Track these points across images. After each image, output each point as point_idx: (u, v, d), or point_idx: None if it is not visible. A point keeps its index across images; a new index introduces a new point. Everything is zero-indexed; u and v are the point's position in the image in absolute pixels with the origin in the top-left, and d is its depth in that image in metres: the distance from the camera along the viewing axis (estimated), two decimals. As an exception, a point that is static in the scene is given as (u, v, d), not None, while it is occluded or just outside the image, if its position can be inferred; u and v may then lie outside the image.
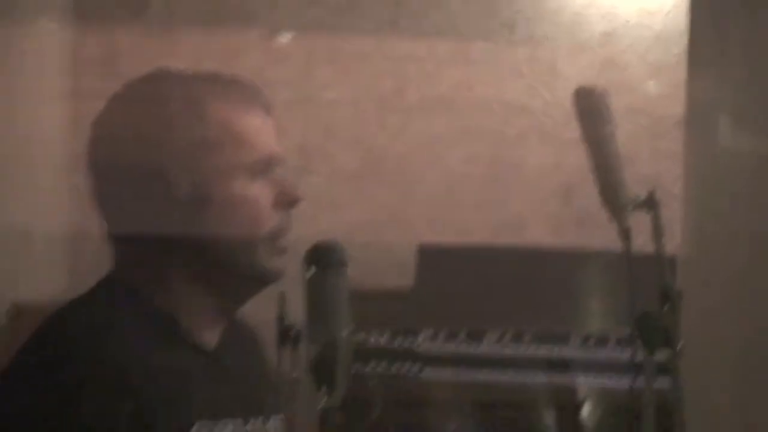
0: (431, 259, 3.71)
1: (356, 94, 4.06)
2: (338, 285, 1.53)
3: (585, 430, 3.41)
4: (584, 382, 3.51)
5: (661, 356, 1.66)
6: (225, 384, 1.67)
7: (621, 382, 2.34)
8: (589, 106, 1.77)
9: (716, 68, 3.96)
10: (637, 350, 1.67)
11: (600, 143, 1.76)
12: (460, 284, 3.69)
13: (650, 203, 1.74)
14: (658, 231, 1.73)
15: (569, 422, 3.41)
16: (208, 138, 1.63)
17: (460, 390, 3.47)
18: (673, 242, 3.23)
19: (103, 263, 1.69)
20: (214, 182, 1.62)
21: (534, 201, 4.08)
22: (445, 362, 3.58)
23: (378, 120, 4.08)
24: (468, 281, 3.69)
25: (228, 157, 1.63)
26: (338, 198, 4.00)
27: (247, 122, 1.66)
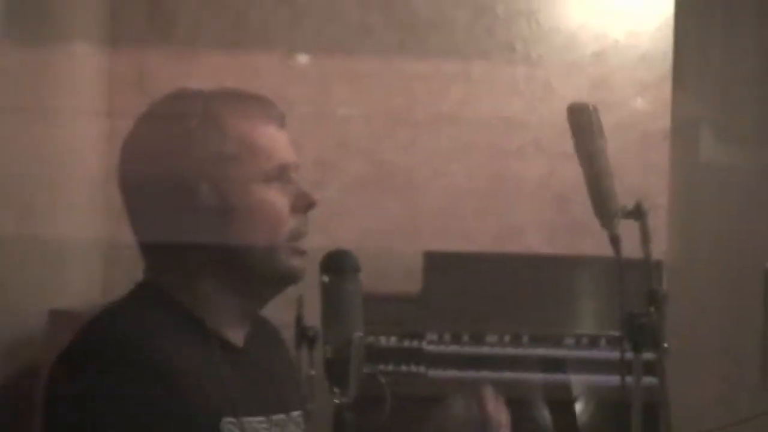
0: (437, 265, 3.71)
1: (368, 111, 4.06)
2: (351, 290, 1.53)
3: (578, 424, 3.41)
4: (577, 380, 3.50)
5: (649, 355, 1.66)
6: (252, 380, 1.66)
7: (611, 380, 2.32)
8: (582, 122, 1.76)
9: (699, 86, 3.96)
10: (626, 350, 1.66)
11: (592, 156, 1.76)
12: (464, 288, 3.69)
13: (638, 212, 1.74)
14: (646, 238, 1.73)
15: (564, 417, 3.40)
16: (228, 150, 1.63)
17: (464, 388, 3.46)
18: (660, 248, 3.24)
19: (135, 272, 1.70)
20: (235, 191, 1.62)
21: (531, 210, 4.07)
22: (450, 362, 3.58)
23: (388, 135, 4.08)
24: (471, 285, 3.69)
25: (246, 167, 1.63)
26: (351, 208, 4.00)
27: (262, 133, 1.66)
